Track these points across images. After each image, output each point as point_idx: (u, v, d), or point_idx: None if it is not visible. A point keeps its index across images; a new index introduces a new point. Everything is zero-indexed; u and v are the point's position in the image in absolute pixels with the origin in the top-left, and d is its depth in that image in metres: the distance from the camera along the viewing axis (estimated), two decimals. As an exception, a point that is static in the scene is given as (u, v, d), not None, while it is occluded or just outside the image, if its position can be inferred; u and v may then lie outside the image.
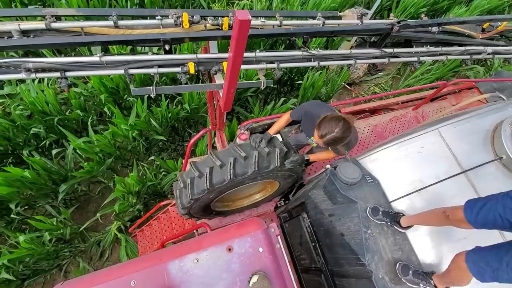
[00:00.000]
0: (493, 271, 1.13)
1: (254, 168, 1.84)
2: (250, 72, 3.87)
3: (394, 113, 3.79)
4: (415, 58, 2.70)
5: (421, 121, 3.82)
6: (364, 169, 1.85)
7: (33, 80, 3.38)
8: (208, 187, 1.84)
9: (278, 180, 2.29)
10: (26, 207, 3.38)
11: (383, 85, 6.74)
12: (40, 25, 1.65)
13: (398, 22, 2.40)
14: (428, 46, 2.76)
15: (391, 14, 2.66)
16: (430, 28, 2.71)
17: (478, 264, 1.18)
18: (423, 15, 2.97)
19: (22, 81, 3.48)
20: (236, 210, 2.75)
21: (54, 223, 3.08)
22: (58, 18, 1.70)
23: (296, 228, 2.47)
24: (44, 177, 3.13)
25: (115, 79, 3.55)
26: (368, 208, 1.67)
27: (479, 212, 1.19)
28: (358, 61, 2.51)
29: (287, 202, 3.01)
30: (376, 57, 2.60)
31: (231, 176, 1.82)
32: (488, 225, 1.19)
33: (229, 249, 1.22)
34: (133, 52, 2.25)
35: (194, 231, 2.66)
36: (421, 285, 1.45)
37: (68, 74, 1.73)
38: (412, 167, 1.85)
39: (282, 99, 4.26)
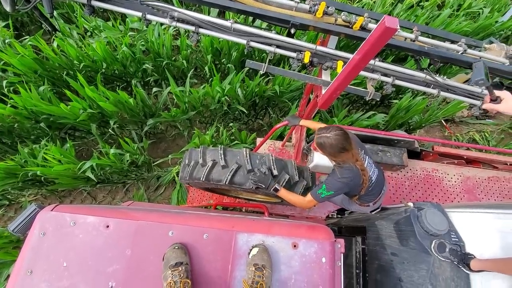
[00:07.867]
0: None
1: (226, 180, 1.85)
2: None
3: (496, 173, 3.23)
4: (561, 123, 2.21)
5: (528, 194, 3.20)
6: (452, 224, 1.65)
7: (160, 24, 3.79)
8: (187, 178, 1.96)
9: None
10: (118, 126, 3.95)
11: (486, 135, 5.78)
12: (193, -20, 1.81)
13: (561, 76, 1.98)
14: None
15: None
16: None
17: None
18: None
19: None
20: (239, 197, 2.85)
21: (135, 148, 3.55)
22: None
23: (342, 246, 2.39)
24: (140, 107, 3.59)
25: (221, 43, 3.76)
26: (434, 242, 1.53)
27: None
28: (485, 104, 2.18)
29: (339, 216, 2.92)
30: (510, 107, 2.20)
31: (204, 179, 1.88)
32: None
33: (294, 246, 1.24)
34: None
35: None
36: None
37: (200, 30, 1.88)
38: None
39: (370, 112, 3.99)
